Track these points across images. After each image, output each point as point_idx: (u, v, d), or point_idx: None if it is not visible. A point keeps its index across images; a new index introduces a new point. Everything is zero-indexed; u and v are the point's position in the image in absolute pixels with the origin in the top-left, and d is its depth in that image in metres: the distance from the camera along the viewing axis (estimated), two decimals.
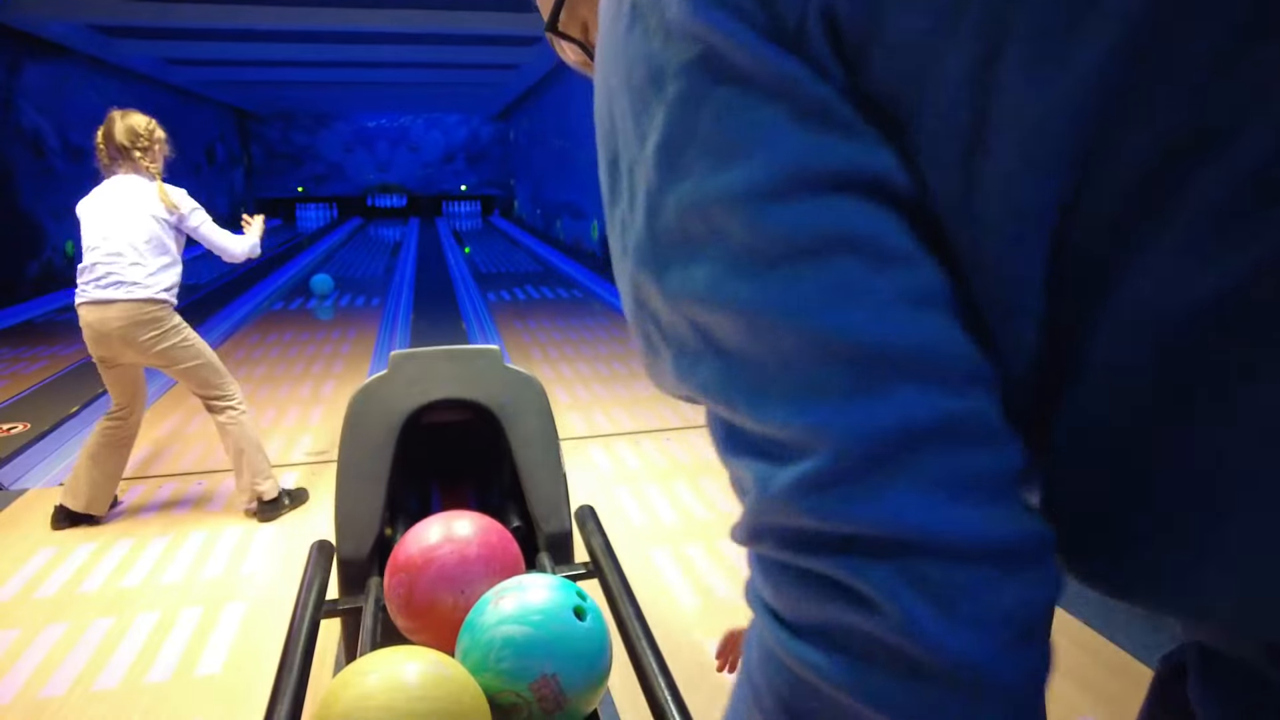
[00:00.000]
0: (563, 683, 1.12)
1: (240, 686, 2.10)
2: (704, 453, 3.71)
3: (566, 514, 1.74)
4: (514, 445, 1.75)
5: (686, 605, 2.45)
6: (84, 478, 2.94)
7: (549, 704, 1.12)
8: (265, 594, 2.55)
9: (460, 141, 21.07)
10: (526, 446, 1.76)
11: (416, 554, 1.31)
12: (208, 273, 10.60)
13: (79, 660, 2.22)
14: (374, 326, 6.74)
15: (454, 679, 1.11)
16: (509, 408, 1.77)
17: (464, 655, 1.18)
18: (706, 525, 2.98)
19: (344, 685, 1.08)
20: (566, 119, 12.74)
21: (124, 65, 11.60)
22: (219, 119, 17.28)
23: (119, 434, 2.98)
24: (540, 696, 1.12)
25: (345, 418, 1.73)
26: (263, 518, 3.04)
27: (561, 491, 1.75)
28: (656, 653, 1.26)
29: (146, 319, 2.80)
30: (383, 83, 14.93)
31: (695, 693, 1.69)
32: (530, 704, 1.12)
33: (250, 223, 3.24)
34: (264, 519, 3.04)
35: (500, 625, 1.16)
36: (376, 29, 9.33)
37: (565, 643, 1.14)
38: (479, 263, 11.25)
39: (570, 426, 4.07)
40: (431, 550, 1.31)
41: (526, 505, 1.74)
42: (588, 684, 1.15)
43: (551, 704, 1.12)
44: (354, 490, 1.69)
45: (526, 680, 1.12)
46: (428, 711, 1.04)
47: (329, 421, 4.11)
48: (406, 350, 1.79)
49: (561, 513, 1.73)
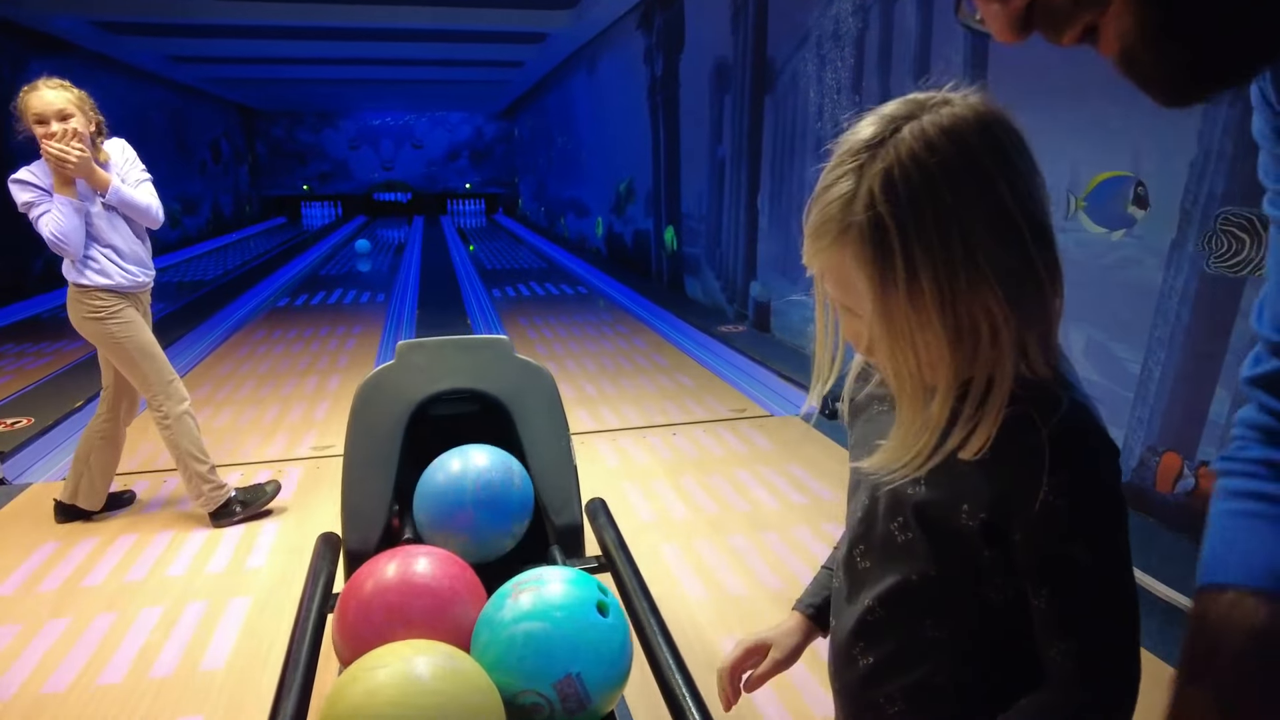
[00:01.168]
0: (586, 682, 1.08)
1: (245, 682, 2.07)
2: (711, 448, 3.67)
3: (578, 506, 1.71)
4: (523, 437, 1.72)
5: (696, 600, 2.42)
6: (75, 472, 2.94)
7: (571, 704, 1.08)
8: (271, 588, 2.52)
9: (464, 139, 21.04)
10: (536, 438, 1.72)
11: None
12: (214, 269, 10.59)
13: (82, 656, 2.19)
14: (379, 323, 6.72)
15: (464, 673, 1.07)
16: (518, 399, 1.74)
17: (482, 651, 1.13)
18: (715, 520, 2.94)
19: (352, 680, 1.04)
20: (570, 117, 12.70)
21: (129, 62, 11.59)
22: (224, 116, 17.26)
23: (109, 433, 2.93)
24: (564, 696, 1.08)
25: (352, 408, 1.70)
26: (216, 524, 2.95)
27: (572, 484, 1.72)
28: (672, 647, 1.22)
29: (72, 301, 2.77)
30: (387, 80, 14.90)
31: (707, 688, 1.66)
32: (553, 704, 1.08)
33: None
34: (218, 525, 2.94)
35: (520, 622, 1.11)
36: (382, 25, 9.30)
37: (589, 641, 1.10)
38: (483, 259, 11.23)
39: (577, 421, 4.03)
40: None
41: (537, 497, 1.71)
42: (610, 683, 1.12)
43: (574, 704, 1.08)
44: (360, 482, 1.65)
45: (550, 680, 1.08)
46: (438, 705, 1.01)
47: (334, 416, 4.07)
48: (414, 340, 1.76)
49: (573, 505, 1.70)
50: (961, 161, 0.65)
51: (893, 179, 0.66)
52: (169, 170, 12.97)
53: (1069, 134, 2.95)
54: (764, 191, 5.77)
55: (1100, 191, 2.87)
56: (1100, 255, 2.90)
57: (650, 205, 8.56)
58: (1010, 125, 0.68)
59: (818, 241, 0.71)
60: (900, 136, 0.67)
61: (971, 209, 0.65)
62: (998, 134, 0.67)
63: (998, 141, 0.67)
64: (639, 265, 9.09)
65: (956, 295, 0.66)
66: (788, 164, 5.38)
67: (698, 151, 7.01)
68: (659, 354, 5.49)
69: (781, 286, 5.61)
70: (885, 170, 0.66)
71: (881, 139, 0.67)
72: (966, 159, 0.65)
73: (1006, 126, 0.68)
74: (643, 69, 8.40)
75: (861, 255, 0.68)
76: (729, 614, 2.34)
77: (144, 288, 2.91)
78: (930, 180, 0.65)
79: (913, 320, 0.67)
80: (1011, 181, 0.66)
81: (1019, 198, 0.66)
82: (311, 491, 3.24)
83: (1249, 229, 2.37)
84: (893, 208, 0.65)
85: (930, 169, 0.65)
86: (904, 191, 0.65)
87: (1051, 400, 0.68)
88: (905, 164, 0.65)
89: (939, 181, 0.65)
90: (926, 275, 0.65)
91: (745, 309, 6.18)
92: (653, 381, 4.81)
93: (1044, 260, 0.67)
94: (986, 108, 0.69)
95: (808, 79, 4.98)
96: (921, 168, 0.65)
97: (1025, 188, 0.67)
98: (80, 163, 2.61)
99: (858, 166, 0.68)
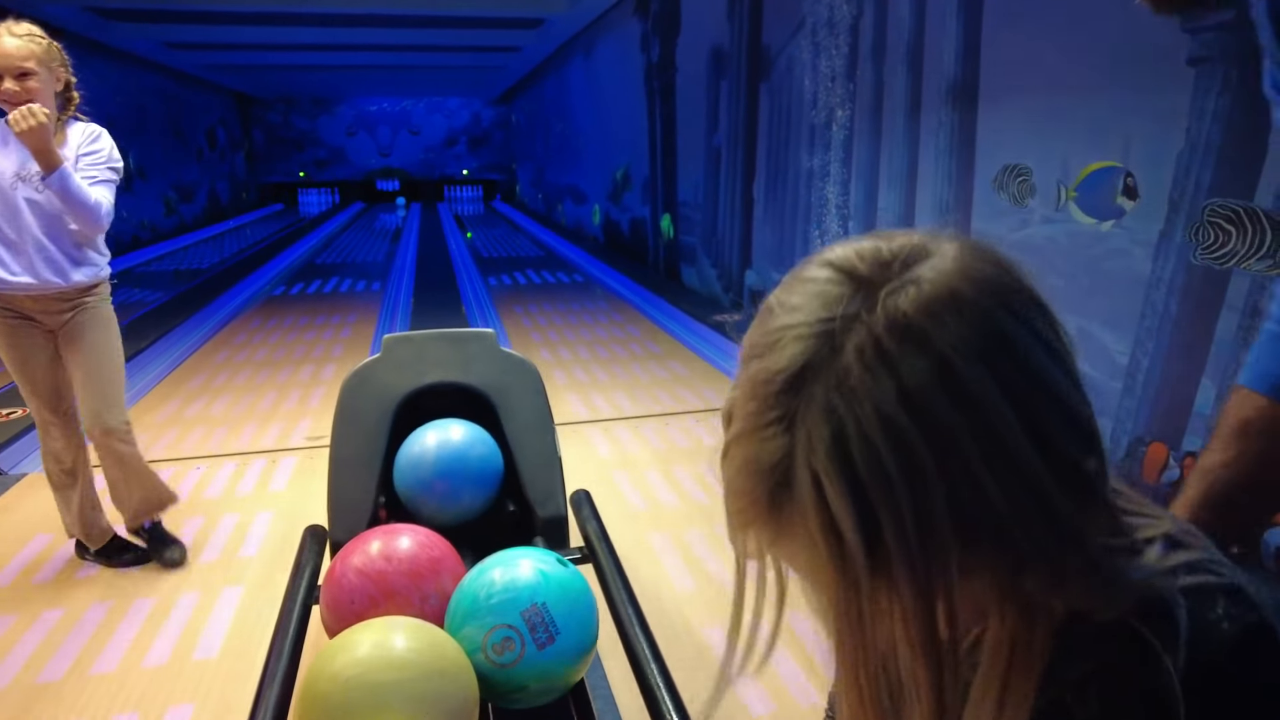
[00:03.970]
0: (552, 610, 1.17)
1: (238, 670, 2.10)
2: (703, 438, 3.69)
3: (562, 499, 1.73)
4: (508, 430, 1.74)
5: (685, 590, 2.44)
6: (63, 510, 2.55)
7: (540, 634, 1.16)
8: (262, 577, 2.54)
9: (462, 125, 20.96)
10: (521, 431, 1.74)
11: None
12: (211, 257, 10.59)
13: (76, 644, 2.22)
14: (374, 310, 6.73)
15: (436, 644, 1.13)
16: (503, 392, 1.76)
17: (456, 605, 1.23)
18: (706, 510, 2.96)
19: (325, 659, 1.08)
20: (567, 103, 12.65)
21: (123, 49, 11.53)
22: (220, 103, 17.20)
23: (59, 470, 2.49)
24: (532, 626, 1.16)
25: (338, 401, 1.72)
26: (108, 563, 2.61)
27: (556, 476, 1.74)
28: (648, 634, 1.24)
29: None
30: (384, 66, 14.83)
31: (692, 675, 1.69)
32: (522, 634, 1.16)
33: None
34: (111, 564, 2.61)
35: (487, 572, 1.24)
36: (378, 11, 9.25)
37: (552, 579, 1.21)
38: (480, 247, 11.21)
39: (570, 410, 4.05)
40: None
41: (522, 490, 1.73)
42: (577, 620, 1.21)
43: (544, 635, 1.16)
44: (347, 474, 1.67)
45: (517, 609, 1.16)
46: (410, 679, 1.05)
47: (329, 404, 4.08)
48: (400, 333, 1.77)
49: (557, 497, 1.72)
50: (946, 402, 0.42)
51: (845, 448, 0.43)
52: (165, 157, 12.94)
53: (1060, 124, 2.95)
54: (759, 180, 5.76)
55: (1090, 182, 2.88)
56: (1090, 245, 2.90)
57: (647, 193, 8.55)
58: (1013, 290, 0.46)
59: (741, 518, 0.49)
60: (844, 364, 0.43)
61: (964, 465, 0.42)
62: (998, 322, 0.44)
63: (998, 337, 0.43)
64: (636, 253, 9.09)
65: (945, 594, 0.45)
66: (783, 152, 5.37)
67: (694, 138, 7.00)
68: (654, 342, 5.51)
69: (776, 276, 5.62)
70: (831, 433, 0.43)
71: (815, 367, 0.44)
72: (953, 392, 0.42)
73: (1007, 296, 0.45)
74: (639, 55, 8.37)
75: (810, 550, 0.46)
76: (716, 604, 2.36)
77: (27, 292, 2.29)
78: (899, 444, 0.42)
79: (878, 632, 0.47)
80: (1020, 400, 0.43)
81: (1035, 415, 0.43)
82: (305, 482, 3.26)
83: (1236, 221, 2.37)
84: (847, 491, 0.43)
85: (898, 427, 0.42)
86: (865, 467, 0.42)
87: (1157, 612, 0.46)
88: (860, 419, 0.42)
89: (913, 443, 0.42)
90: (902, 576, 0.44)
91: (740, 297, 6.18)
92: (646, 370, 4.83)
93: (1072, 485, 0.45)
94: (975, 276, 0.45)
95: (803, 66, 4.96)
96: (886, 425, 0.42)
97: (1043, 396, 0.44)
98: (36, 130, 2.10)
99: (787, 418, 0.44)
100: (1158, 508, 0.54)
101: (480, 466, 1.69)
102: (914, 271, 0.45)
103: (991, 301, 0.44)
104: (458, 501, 1.68)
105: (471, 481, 1.68)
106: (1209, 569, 0.49)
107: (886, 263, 0.46)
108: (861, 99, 4.35)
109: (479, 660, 1.13)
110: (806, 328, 0.45)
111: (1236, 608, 0.47)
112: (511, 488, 1.76)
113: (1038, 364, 0.44)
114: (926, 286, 0.44)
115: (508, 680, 1.14)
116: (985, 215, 3.41)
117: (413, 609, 1.25)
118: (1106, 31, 2.73)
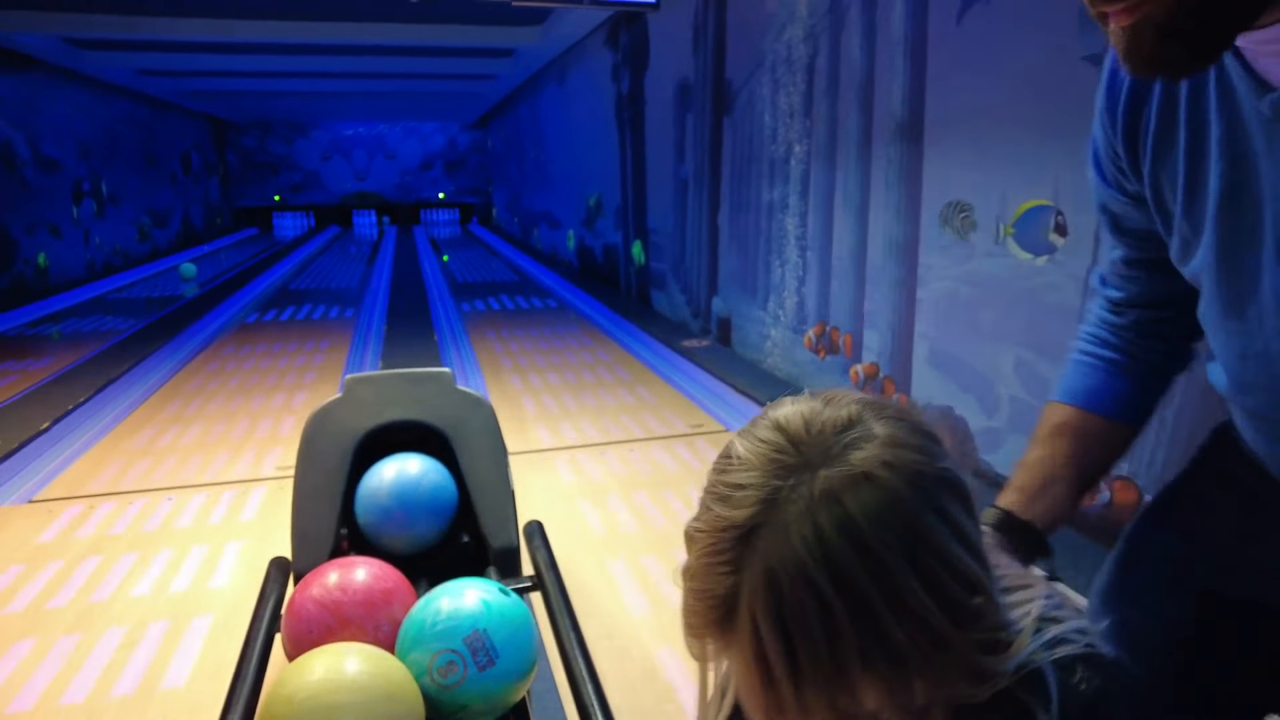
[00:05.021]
0: (492, 637, 1.29)
1: (205, 699, 2.17)
2: (666, 464, 3.80)
3: (514, 529, 1.83)
4: (463, 464, 1.84)
5: (639, 614, 2.54)
6: None
7: (481, 658, 1.28)
8: (231, 607, 2.61)
9: (438, 149, 21.10)
10: (475, 465, 1.84)
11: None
12: (184, 283, 10.58)
13: (46, 675, 2.27)
14: (347, 338, 6.79)
15: (385, 670, 1.24)
16: (458, 428, 1.86)
17: (405, 632, 1.34)
18: (665, 536, 3.07)
19: (281, 683, 1.18)
20: (542, 129, 12.83)
21: (97, 76, 11.57)
22: (195, 128, 17.20)
23: None
24: (473, 650, 1.28)
25: (301, 439, 1.82)
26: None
27: (509, 508, 1.84)
28: (586, 656, 1.35)
29: None
30: (360, 93, 14.94)
31: (640, 696, 1.79)
32: (464, 658, 1.27)
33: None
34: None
35: (434, 601, 1.35)
36: (351, 41, 9.37)
37: (490, 607, 1.33)
38: (456, 272, 11.30)
39: (536, 439, 4.15)
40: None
41: (476, 520, 1.83)
42: (515, 645, 1.32)
43: (484, 658, 1.28)
44: (309, 509, 1.77)
45: (459, 635, 1.28)
46: (361, 701, 1.16)
47: (300, 433, 4.15)
48: (360, 374, 1.87)
49: (509, 528, 1.82)
50: (861, 567, 0.54)
51: (779, 599, 0.55)
52: (139, 183, 12.96)
53: (1001, 163, 3.12)
54: (724, 210, 5.92)
55: (1025, 220, 3.04)
56: (1027, 278, 3.06)
57: (619, 219, 8.70)
58: (929, 477, 0.58)
59: (695, 630, 0.62)
60: (783, 526, 0.56)
61: (870, 610, 0.54)
62: (910, 508, 0.56)
63: (909, 521, 0.56)
64: (609, 279, 9.22)
65: (850, 704, 0.57)
66: (745, 184, 5.53)
67: (663, 168, 7.16)
68: (623, 368, 5.62)
69: (741, 303, 5.76)
70: (767, 584, 0.55)
71: (760, 527, 0.56)
72: (867, 561, 0.54)
73: (923, 482, 0.57)
74: (611, 85, 8.55)
75: (745, 670, 0.59)
76: (669, 626, 2.46)
77: None
78: (820, 600, 0.54)
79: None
80: (921, 568, 0.55)
81: (931, 576, 0.56)
82: (275, 511, 3.33)
83: None
84: (777, 631, 0.55)
85: (819, 586, 0.54)
86: (791, 615, 0.55)
87: (1033, 683, 0.60)
88: (791, 577, 0.55)
89: (830, 601, 0.54)
90: (812, 692, 0.56)
91: (709, 324, 6.32)
92: (614, 396, 4.94)
93: (958, 618, 0.57)
94: (898, 463, 0.57)
95: (763, 102, 5.14)
96: (810, 585, 0.54)
97: (939, 562, 0.56)
98: None
99: (735, 562, 0.57)
100: (1030, 575, 0.71)
101: (434, 494, 1.79)
102: (849, 455, 0.57)
103: (909, 491, 0.56)
104: (413, 528, 1.78)
105: (425, 509, 1.79)
106: (1070, 639, 0.63)
107: (828, 445, 0.58)
108: (817, 135, 4.52)
109: (425, 683, 1.24)
110: (756, 491, 0.57)
111: (1090, 670, 0.62)
112: (466, 519, 1.86)
113: (938, 541, 0.56)
114: (857, 473, 0.56)
115: (451, 700, 1.25)
116: (933, 249, 3.57)
117: (366, 636, 1.35)
118: (1040, 74, 2.90)
